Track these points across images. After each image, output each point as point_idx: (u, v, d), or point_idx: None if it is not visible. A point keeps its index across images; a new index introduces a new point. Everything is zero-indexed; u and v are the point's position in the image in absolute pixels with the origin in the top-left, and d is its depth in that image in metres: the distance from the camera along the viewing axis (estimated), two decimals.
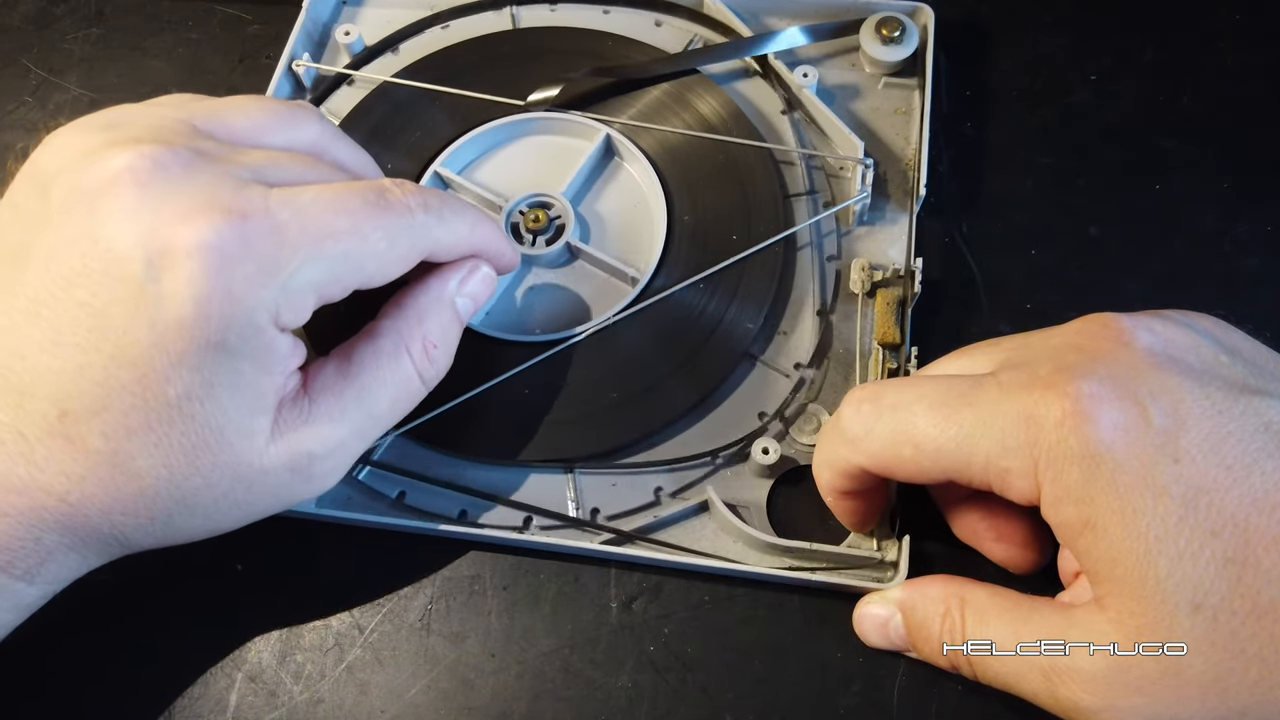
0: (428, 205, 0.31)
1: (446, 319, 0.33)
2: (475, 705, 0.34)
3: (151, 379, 0.27)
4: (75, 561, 0.29)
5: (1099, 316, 0.29)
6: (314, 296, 0.29)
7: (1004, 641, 0.28)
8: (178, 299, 0.26)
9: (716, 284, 0.39)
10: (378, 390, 0.31)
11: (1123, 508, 0.25)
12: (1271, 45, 0.44)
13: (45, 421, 0.27)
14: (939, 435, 0.28)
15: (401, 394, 0.32)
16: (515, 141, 0.43)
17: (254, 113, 0.32)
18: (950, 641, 0.30)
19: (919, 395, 0.28)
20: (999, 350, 0.30)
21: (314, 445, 0.30)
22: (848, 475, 0.31)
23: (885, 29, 0.43)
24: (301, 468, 0.30)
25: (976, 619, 0.29)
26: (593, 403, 0.37)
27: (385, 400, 0.31)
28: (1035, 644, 0.27)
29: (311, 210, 0.28)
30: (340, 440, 0.30)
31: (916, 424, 0.28)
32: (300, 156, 0.31)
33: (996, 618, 0.29)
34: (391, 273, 0.30)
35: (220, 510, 0.29)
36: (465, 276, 0.33)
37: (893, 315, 0.38)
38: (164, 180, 0.27)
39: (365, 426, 0.31)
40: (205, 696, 0.35)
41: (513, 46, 0.45)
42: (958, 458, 0.27)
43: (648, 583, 0.36)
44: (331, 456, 0.30)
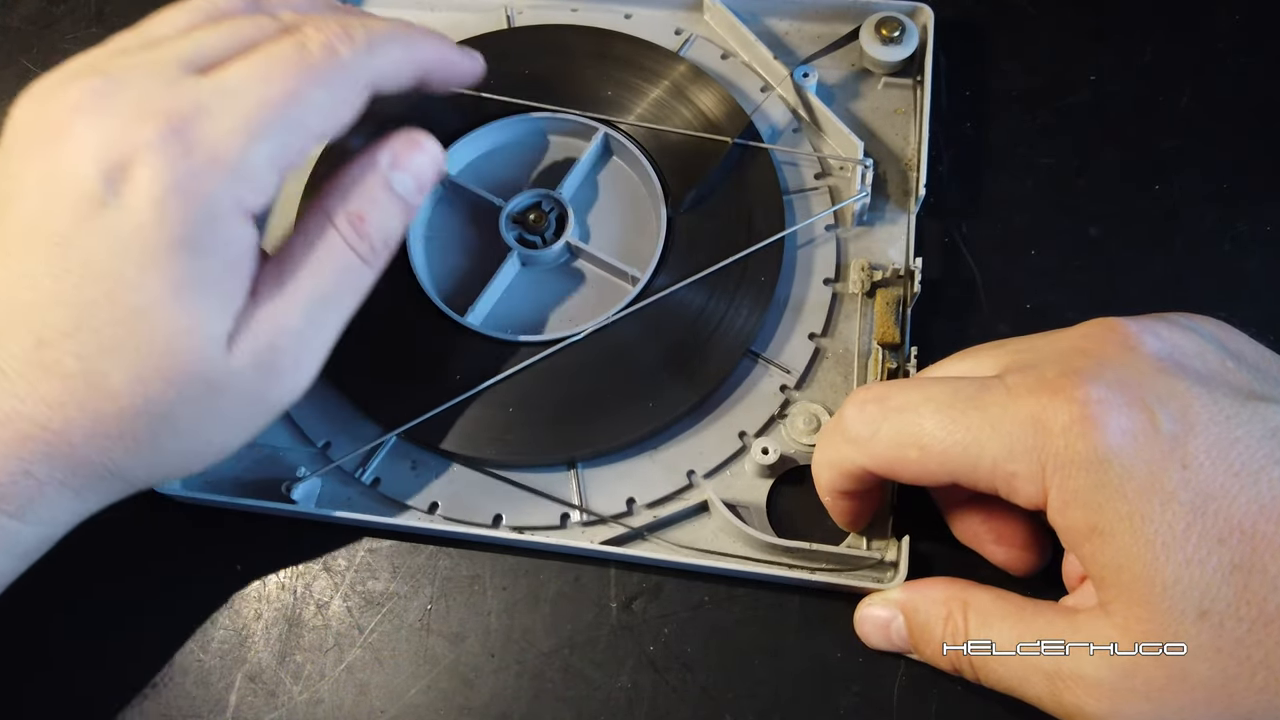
0: (353, 41, 0.31)
1: (376, 193, 0.32)
2: (475, 705, 0.34)
3: (119, 291, 0.27)
4: (69, 500, 0.29)
5: (1104, 321, 0.29)
6: (272, 171, 0.29)
7: (1006, 644, 0.28)
8: (136, 207, 0.27)
9: (716, 283, 0.39)
10: (313, 270, 0.31)
11: (1130, 513, 0.25)
12: (1271, 45, 0.44)
13: (23, 353, 0.28)
14: (945, 438, 0.27)
15: (339, 270, 0.31)
16: (514, 141, 0.43)
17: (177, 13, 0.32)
18: (952, 643, 0.30)
19: (925, 397, 0.28)
20: (1004, 353, 0.30)
21: (270, 337, 0.30)
22: (849, 476, 0.31)
23: (885, 29, 0.43)
24: (266, 363, 0.30)
25: (979, 621, 0.29)
26: (594, 402, 0.37)
27: (325, 280, 0.31)
28: (1036, 645, 0.27)
29: (243, 90, 0.29)
30: (295, 329, 0.30)
31: (923, 426, 0.28)
32: (222, 19, 0.31)
33: (1000, 620, 0.29)
34: (343, 118, 0.31)
35: (203, 425, 0.30)
36: (399, 150, 0.32)
37: (892, 315, 0.38)
38: (103, 103, 0.28)
39: (314, 312, 0.31)
40: (205, 696, 0.35)
41: (509, 45, 0.45)
42: (964, 461, 0.27)
43: (648, 583, 0.36)
44: (292, 348, 0.30)
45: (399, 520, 0.36)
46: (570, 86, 0.43)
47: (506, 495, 0.36)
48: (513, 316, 0.40)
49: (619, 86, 0.43)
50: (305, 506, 0.36)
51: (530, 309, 0.40)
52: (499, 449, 0.36)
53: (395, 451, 0.37)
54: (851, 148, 0.41)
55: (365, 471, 0.37)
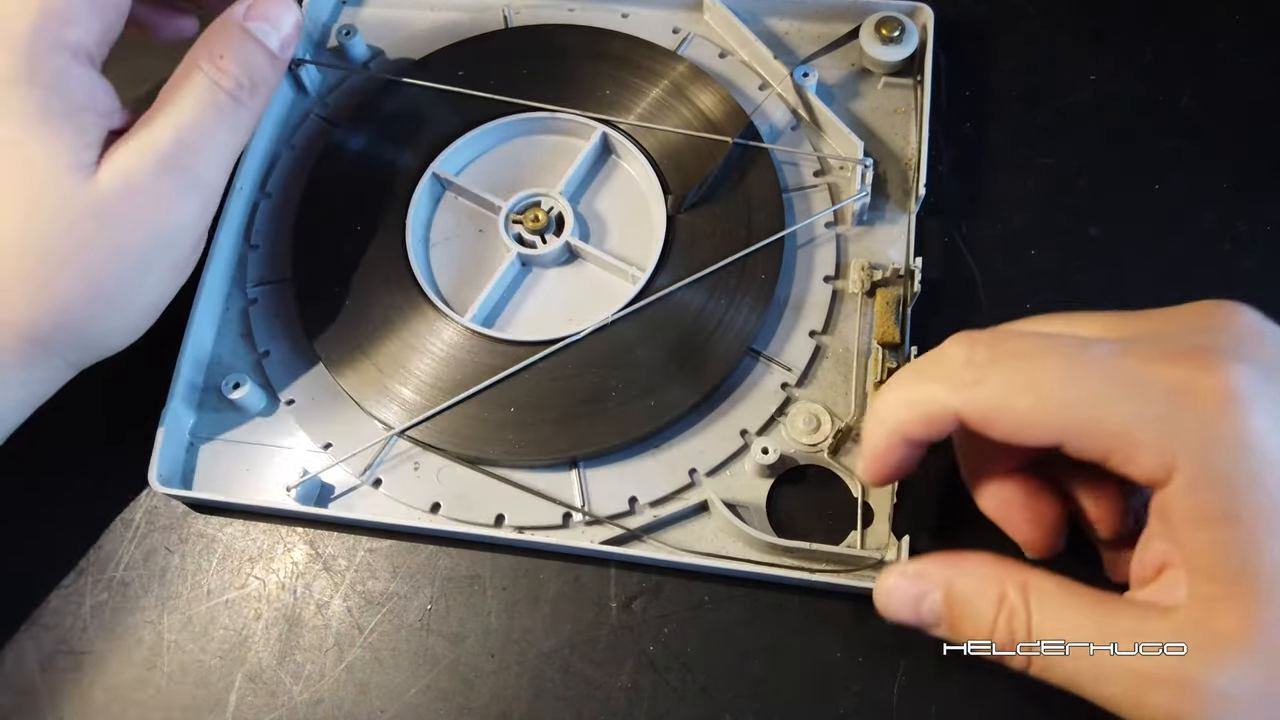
0: None
1: (236, 39, 0.35)
2: (474, 705, 0.34)
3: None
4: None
5: (1225, 303, 0.27)
6: (90, 10, 0.32)
7: (1087, 638, 0.26)
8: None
9: (716, 281, 0.39)
10: (179, 104, 0.33)
11: (1269, 505, 0.23)
12: (1271, 45, 0.44)
13: None
14: (1068, 393, 0.25)
15: (204, 102, 0.33)
16: (513, 141, 0.43)
17: None
18: (1012, 631, 0.27)
19: (1046, 347, 0.26)
20: (1108, 321, 0.28)
21: (138, 158, 0.32)
22: (931, 421, 0.28)
23: (885, 29, 0.43)
24: (136, 185, 0.32)
25: (1046, 611, 0.27)
26: (595, 401, 0.37)
27: (192, 110, 0.33)
28: (1130, 646, 0.25)
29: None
30: (164, 152, 0.32)
31: (1044, 376, 0.26)
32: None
33: (1074, 611, 0.26)
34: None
35: (94, 259, 0.31)
36: (254, 2, 0.35)
37: (892, 315, 0.38)
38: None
39: (185, 135, 0.33)
40: (204, 696, 0.35)
41: (508, 45, 0.45)
42: (1084, 420, 0.25)
43: (647, 583, 0.36)
44: (163, 173, 0.32)
45: (399, 520, 0.36)
46: (568, 86, 0.43)
47: (509, 495, 0.36)
48: (513, 316, 0.40)
49: (617, 86, 0.43)
50: (304, 505, 0.36)
51: (531, 309, 0.40)
52: (501, 449, 0.36)
53: (397, 452, 0.37)
54: (851, 147, 0.41)
55: (368, 472, 0.37)
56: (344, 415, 0.38)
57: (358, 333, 0.39)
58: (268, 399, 0.39)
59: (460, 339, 0.38)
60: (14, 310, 0.31)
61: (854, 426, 0.37)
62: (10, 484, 0.36)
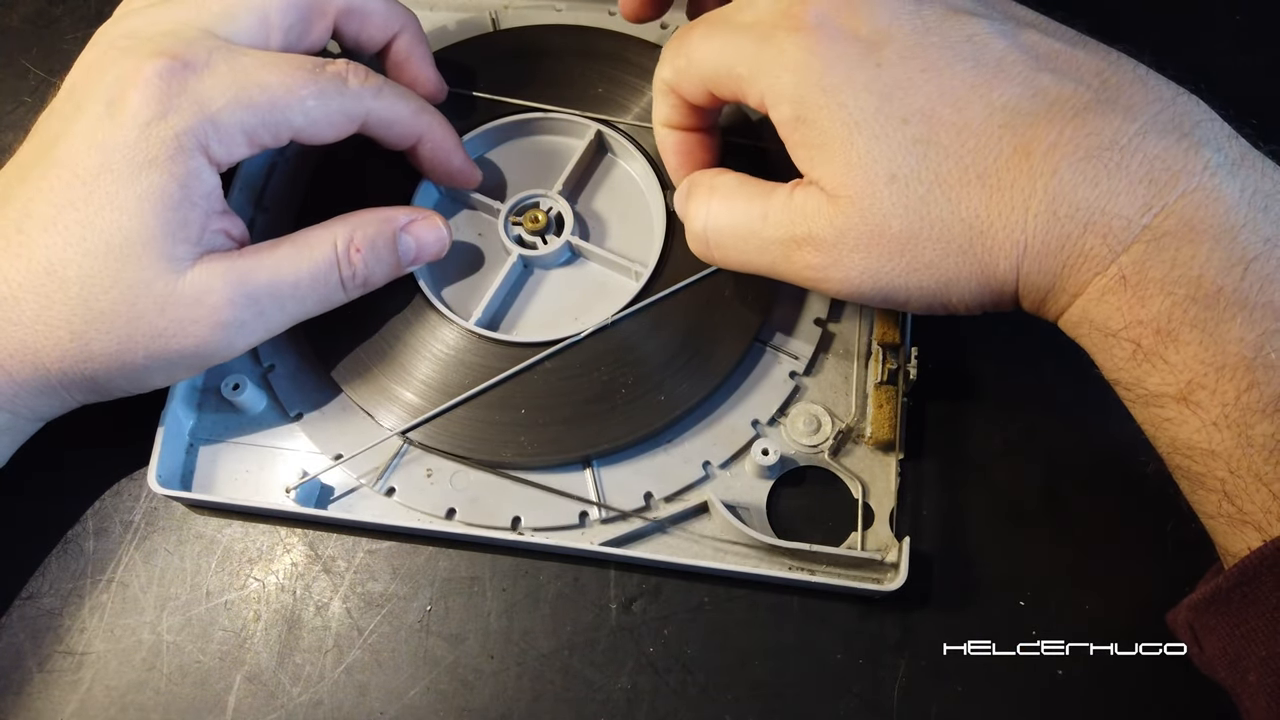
0: (366, 79, 0.35)
1: (382, 240, 0.36)
2: (474, 707, 0.34)
3: (96, 197, 0.31)
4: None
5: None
6: (242, 136, 0.33)
7: (754, 214, 0.32)
8: (123, 124, 0.32)
9: (720, 273, 0.38)
10: (294, 261, 0.34)
11: (828, 103, 0.30)
12: (1271, 45, 0.44)
13: (4, 240, 0.32)
14: (703, 50, 0.33)
15: (317, 274, 0.34)
16: (508, 143, 0.43)
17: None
18: (698, 217, 0.34)
19: (700, 21, 0.34)
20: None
21: (224, 285, 0.33)
22: (666, 91, 0.35)
23: None
24: (208, 304, 0.33)
25: (725, 194, 0.33)
26: (605, 398, 0.37)
27: (301, 272, 0.34)
28: (777, 219, 0.32)
29: (248, 64, 0.33)
30: (249, 293, 0.33)
31: (692, 44, 0.33)
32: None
33: (743, 196, 0.33)
34: (323, 132, 0.35)
35: (133, 335, 0.32)
36: (416, 217, 0.37)
37: (893, 315, 0.38)
38: (130, 44, 0.33)
39: (278, 287, 0.34)
40: (204, 697, 0.35)
41: (496, 47, 0.45)
42: (716, 67, 0.32)
43: (647, 584, 0.36)
44: (239, 304, 0.33)
45: (399, 521, 0.36)
46: (560, 86, 0.43)
47: (523, 499, 0.36)
48: (519, 318, 0.40)
49: (610, 83, 0.43)
50: (304, 506, 0.36)
51: (536, 310, 0.40)
52: (514, 451, 0.36)
53: (410, 460, 0.37)
54: None
55: (380, 481, 0.37)
56: (354, 426, 0.38)
57: (363, 342, 0.38)
58: (268, 401, 0.39)
59: (465, 343, 0.38)
60: (49, 347, 0.32)
61: (854, 428, 0.37)
62: (11, 484, 0.36)
